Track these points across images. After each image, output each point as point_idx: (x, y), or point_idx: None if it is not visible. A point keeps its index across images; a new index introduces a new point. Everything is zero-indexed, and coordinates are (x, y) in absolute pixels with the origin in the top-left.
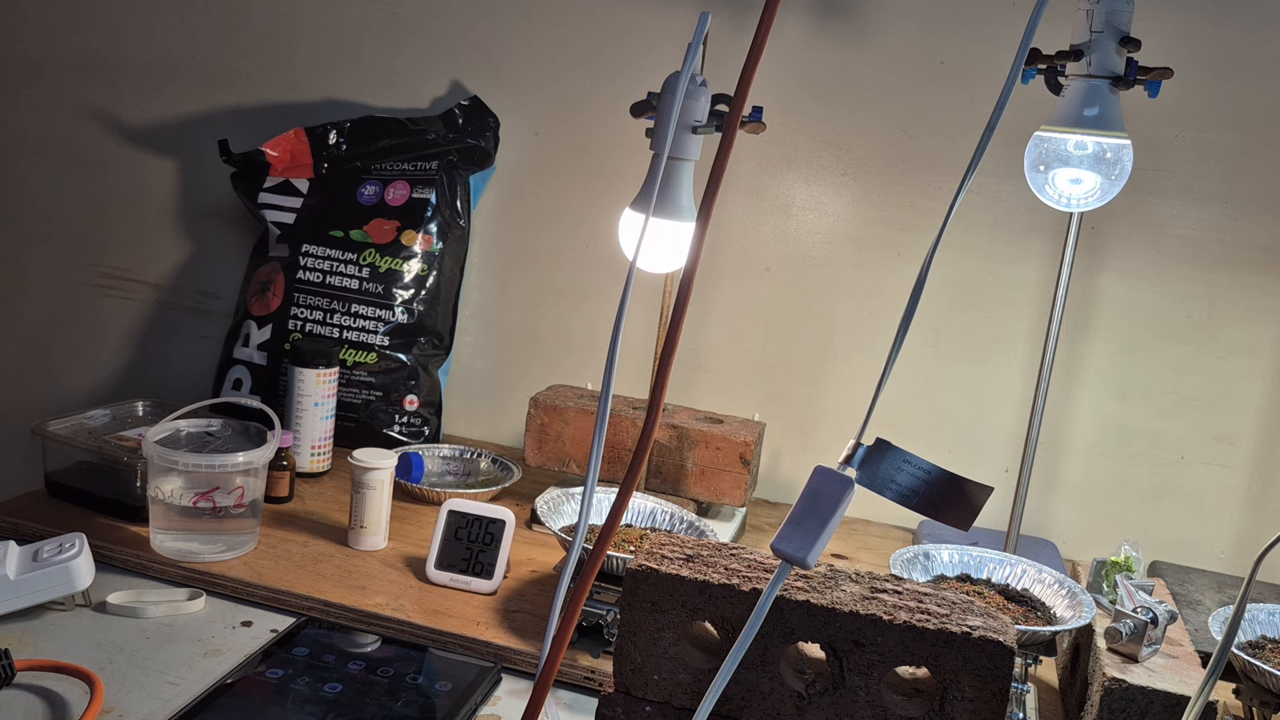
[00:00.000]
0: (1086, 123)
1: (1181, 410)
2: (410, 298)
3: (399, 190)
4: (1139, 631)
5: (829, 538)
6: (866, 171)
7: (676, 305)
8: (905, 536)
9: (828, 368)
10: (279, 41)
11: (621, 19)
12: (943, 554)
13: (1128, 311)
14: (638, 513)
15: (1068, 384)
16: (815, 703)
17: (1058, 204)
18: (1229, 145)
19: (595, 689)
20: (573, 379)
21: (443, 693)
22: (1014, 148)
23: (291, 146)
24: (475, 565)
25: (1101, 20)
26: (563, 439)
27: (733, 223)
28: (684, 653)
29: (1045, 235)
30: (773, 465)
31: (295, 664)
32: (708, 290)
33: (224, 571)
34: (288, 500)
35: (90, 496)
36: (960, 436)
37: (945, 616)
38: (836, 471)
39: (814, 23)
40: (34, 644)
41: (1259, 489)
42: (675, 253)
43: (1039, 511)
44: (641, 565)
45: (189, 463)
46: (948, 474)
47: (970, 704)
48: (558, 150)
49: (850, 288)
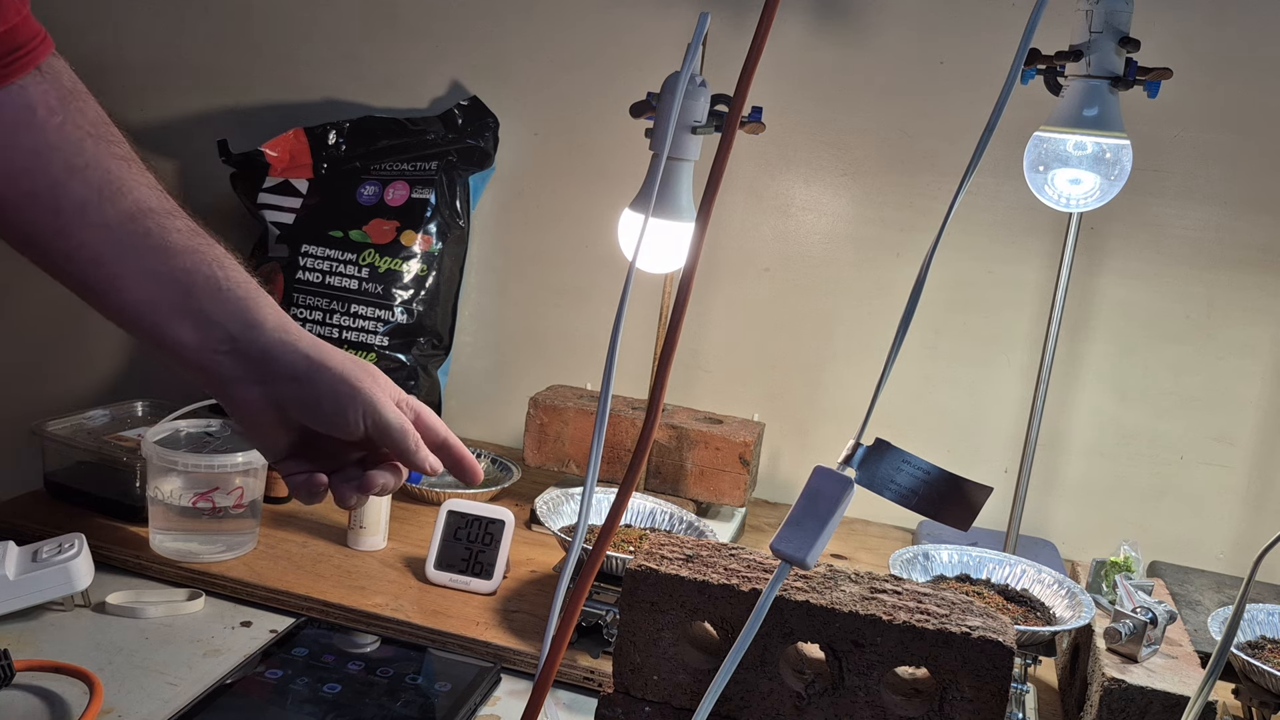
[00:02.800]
0: (1086, 123)
1: (1181, 410)
2: (410, 298)
3: (398, 190)
4: (1138, 632)
5: (828, 538)
6: (866, 172)
7: (676, 305)
8: (904, 537)
9: (827, 368)
10: (278, 41)
11: (621, 19)
12: (942, 554)
13: (1127, 312)
14: (637, 513)
15: (1067, 384)
16: (814, 703)
17: (1057, 204)
18: (1228, 145)
19: (595, 689)
20: (572, 379)
21: (442, 693)
22: (1013, 148)
23: (291, 147)
24: (475, 565)
25: (1101, 21)
26: (562, 439)
27: (732, 223)
28: (683, 653)
29: (1044, 235)
30: (772, 465)
31: (294, 664)
32: (707, 290)
33: (223, 572)
34: (287, 500)
35: (89, 497)
36: (959, 437)
37: (945, 617)
38: (836, 472)
39: (813, 23)
40: (33, 644)
41: (1258, 489)
42: (675, 253)
43: (1038, 512)
44: (641, 565)
45: (188, 463)
46: (947, 474)
47: (970, 704)
48: (557, 150)
49: (850, 288)
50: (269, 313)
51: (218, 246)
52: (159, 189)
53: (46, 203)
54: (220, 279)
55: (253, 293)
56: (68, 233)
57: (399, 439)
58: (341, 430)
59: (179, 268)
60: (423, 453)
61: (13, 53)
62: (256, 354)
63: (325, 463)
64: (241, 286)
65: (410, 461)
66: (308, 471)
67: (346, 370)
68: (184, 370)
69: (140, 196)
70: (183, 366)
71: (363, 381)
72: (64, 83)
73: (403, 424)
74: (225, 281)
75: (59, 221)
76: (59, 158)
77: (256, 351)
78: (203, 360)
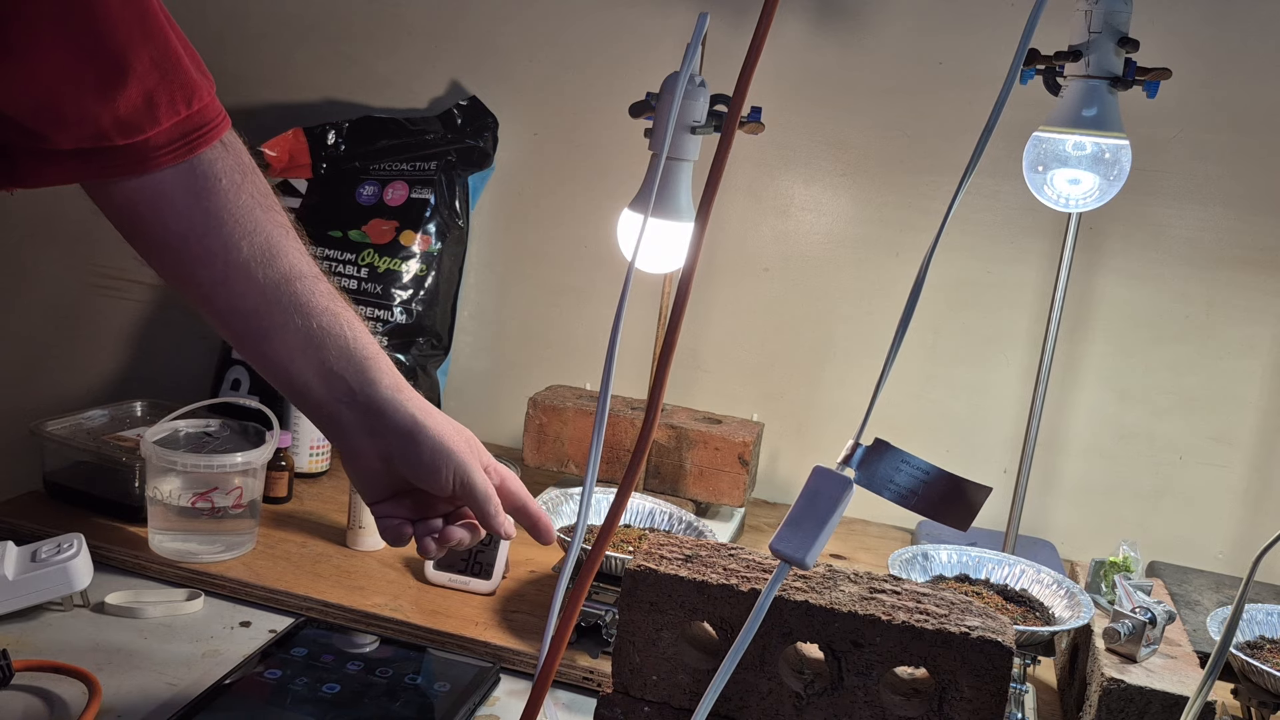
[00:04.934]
0: (1085, 123)
1: (1180, 410)
2: (409, 298)
3: (398, 190)
4: (1137, 632)
5: (827, 538)
6: (865, 172)
7: (675, 305)
8: (904, 537)
9: (826, 368)
10: (277, 41)
11: (621, 19)
12: (941, 554)
13: (1126, 312)
14: (636, 513)
15: (1066, 384)
16: (814, 703)
17: (1056, 204)
18: (1227, 145)
19: (594, 689)
20: (571, 379)
21: (441, 693)
22: (1012, 148)
23: (290, 146)
24: (474, 565)
25: (1100, 21)
26: (561, 439)
27: (731, 223)
28: (683, 653)
29: (1044, 236)
30: (771, 465)
31: (294, 664)
32: (706, 291)
33: (222, 572)
34: (286, 500)
35: (88, 497)
36: (959, 437)
37: (944, 617)
38: (835, 472)
39: (813, 23)
40: (32, 644)
41: (1257, 489)
42: (674, 253)
43: (1037, 512)
44: (640, 565)
45: (187, 463)
46: (946, 474)
47: (969, 704)
48: (557, 150)
49: (849, 288)
50: (386, 373)
51: (350, 310)
52: (308, 255)
53: (218, 259)
54: (349, 339)
55: (374, 353)
56: (231, 286)
57: (482, 502)
58: (434, 486)
59: (317, 326)
60: (500, 517)
61: (201, 128)
62: (372, 408)
63: (414, 512)
64: (366, 347)
65: (489, 524)
66: (400, 519)
67: (445, 433)
68: (312, 417)
69: (294, 261)
70: (310, 413)
71: (458, 445)
72: (242, 157)
73: (487, 489)
74: (353, 342)
75: (226, 275)
76: (233, 222)
77: (372, 406)
78: (327, 409)
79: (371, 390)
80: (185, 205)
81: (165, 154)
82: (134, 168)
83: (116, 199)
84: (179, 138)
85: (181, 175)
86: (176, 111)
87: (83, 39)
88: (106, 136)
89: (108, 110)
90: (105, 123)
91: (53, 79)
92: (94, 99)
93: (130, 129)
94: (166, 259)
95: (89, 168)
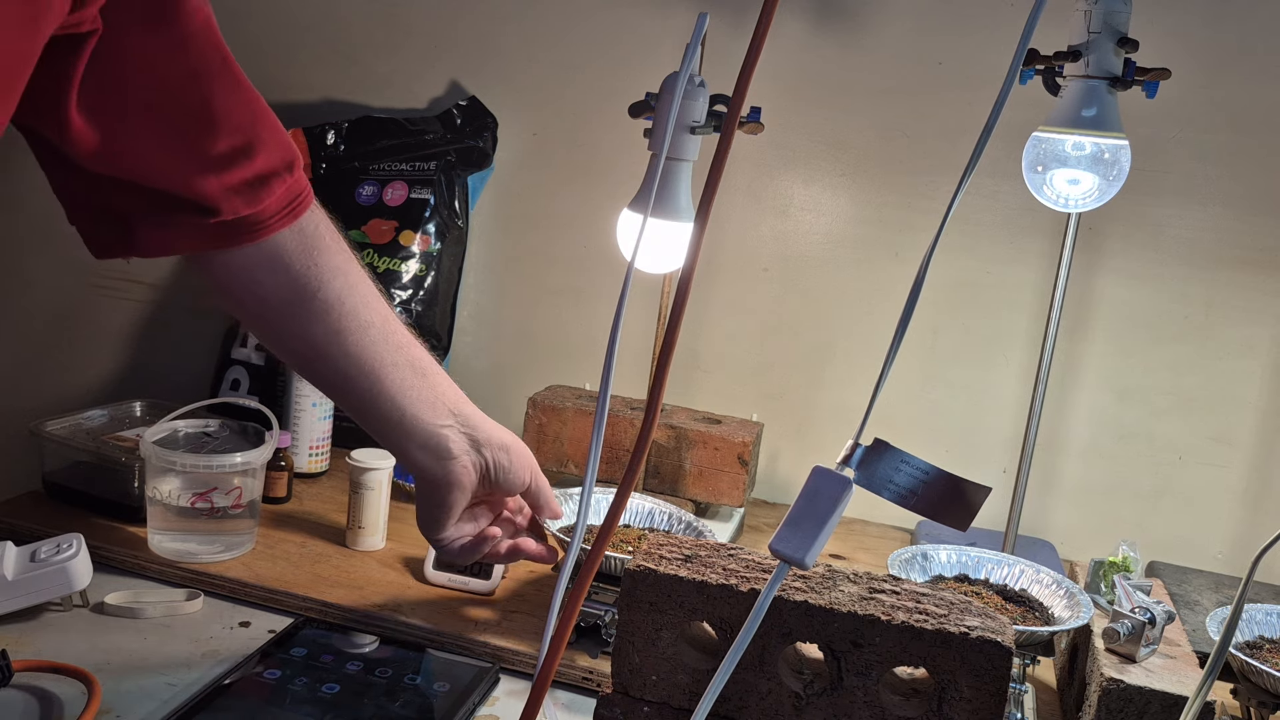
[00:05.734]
0: (1084, 123)
1: (1179, 410)
2: (408, 298)
3: (397, 191)
4: (1137, 632)
5: (827, 538)
6: (865, 172)
7: (675, 305)
8: (903, 537)
9: (826, 368)
10: (277, 42)
11: (621, 19)
12: (941, 554)
13: (1126, 312)
14: (636, 513)
15: (1066, 384)
16: (813, 703)
17: (1056, 204)
18: (1227, 146)
19: (593, 689)
20: (571, 379)
21: (441, 693)
22: (1012, 148)
23: None
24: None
25: (1099, 21)
26: (561, 439)
27: (731, 223)
28: (682, 653)
29: (1043, 236)
30: (771, 465)
31: (293, 664)
32: (706, 291)
33: (222, 572)
34: (286, 501)
35: (88, 497)
36: (958, 437)
37: (943, 617)
38: (834, 472)
39: (812, 24)
40: (32, 644)
41: (1257, 489)
42: (673, 253)
43: (1037, 512)
44: (640, 565)
45: (187, 463)
46: (946, 474)
47: (968, 704)
48: (556, 150)
49: (848, 288)
50: (459, 392)
51: (418, 339)
52: (380, 295)
53: (334, 309)
54: (433, 365)
55: (445, 376)
56: (343, 333)
57: (547, 492)
58: (518, 486)
59: (411, 358)
60: (555, 503)
61: (304, 192)
62: (469, 426)
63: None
64: (441, 372)
65: (550, 508)
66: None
67: (516, 438)
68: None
69: (380, 304)
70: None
71: (527, 447)
72: (330, 217)
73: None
74: (435, 365)
75: (341, 325)
76: (340, 273)
77: (468, 422)
78: (436, 437)
79: (463, 408)
80: (301, 265)
81: (276, 220)
82: (251, 235)
83: (232, 266)
84: (287, 203)
85: (294, 237)
86: (283, 179)
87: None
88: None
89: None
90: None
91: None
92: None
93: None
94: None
95: (206, 236)
